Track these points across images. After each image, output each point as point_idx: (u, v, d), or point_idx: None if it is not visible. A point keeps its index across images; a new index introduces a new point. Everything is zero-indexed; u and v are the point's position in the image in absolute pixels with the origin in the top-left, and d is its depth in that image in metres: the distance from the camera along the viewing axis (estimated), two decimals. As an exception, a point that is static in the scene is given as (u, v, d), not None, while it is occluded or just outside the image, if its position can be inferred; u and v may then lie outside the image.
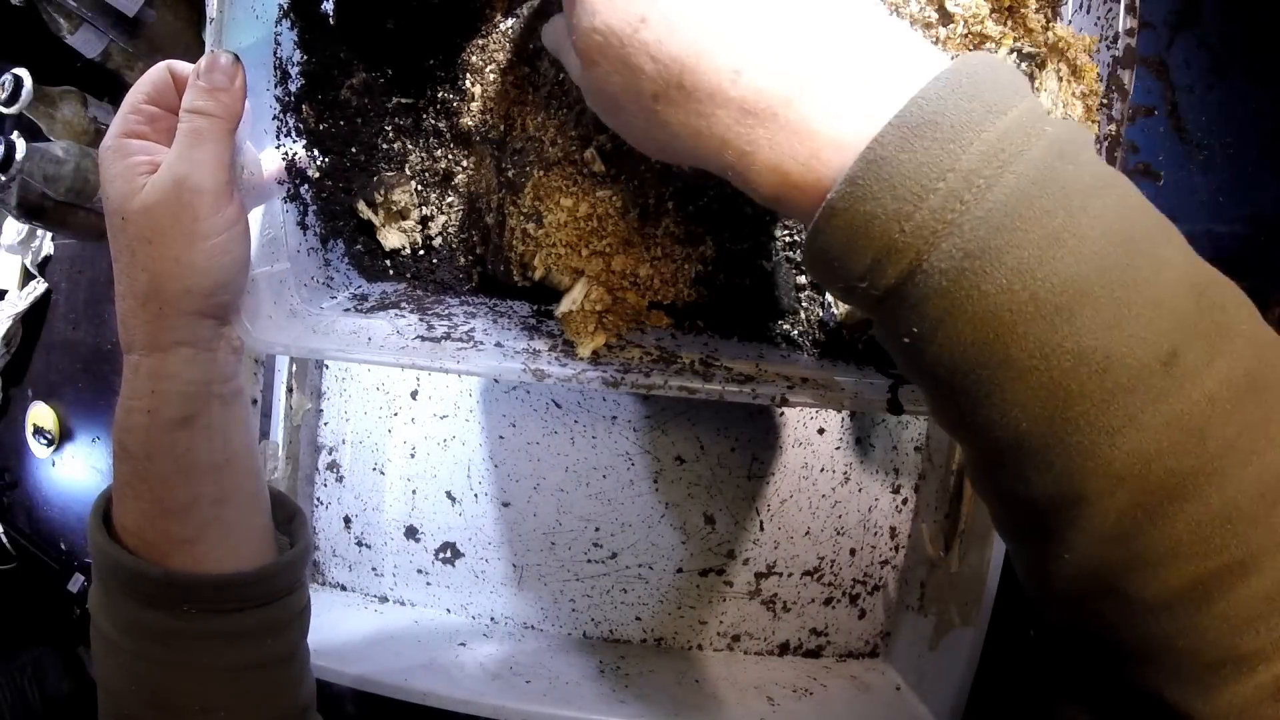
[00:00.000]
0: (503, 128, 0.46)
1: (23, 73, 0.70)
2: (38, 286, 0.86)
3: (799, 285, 0.45)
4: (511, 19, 0.46)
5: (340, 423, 0.75)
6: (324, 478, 0.75)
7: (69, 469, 0.88)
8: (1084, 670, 0.25)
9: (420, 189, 0.50)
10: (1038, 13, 0.40)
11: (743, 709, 0.63)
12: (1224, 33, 0.67)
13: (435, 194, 0.51)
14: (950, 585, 0.62)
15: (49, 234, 0.86)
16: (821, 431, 0.70)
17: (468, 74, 0.48)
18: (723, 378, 0.40)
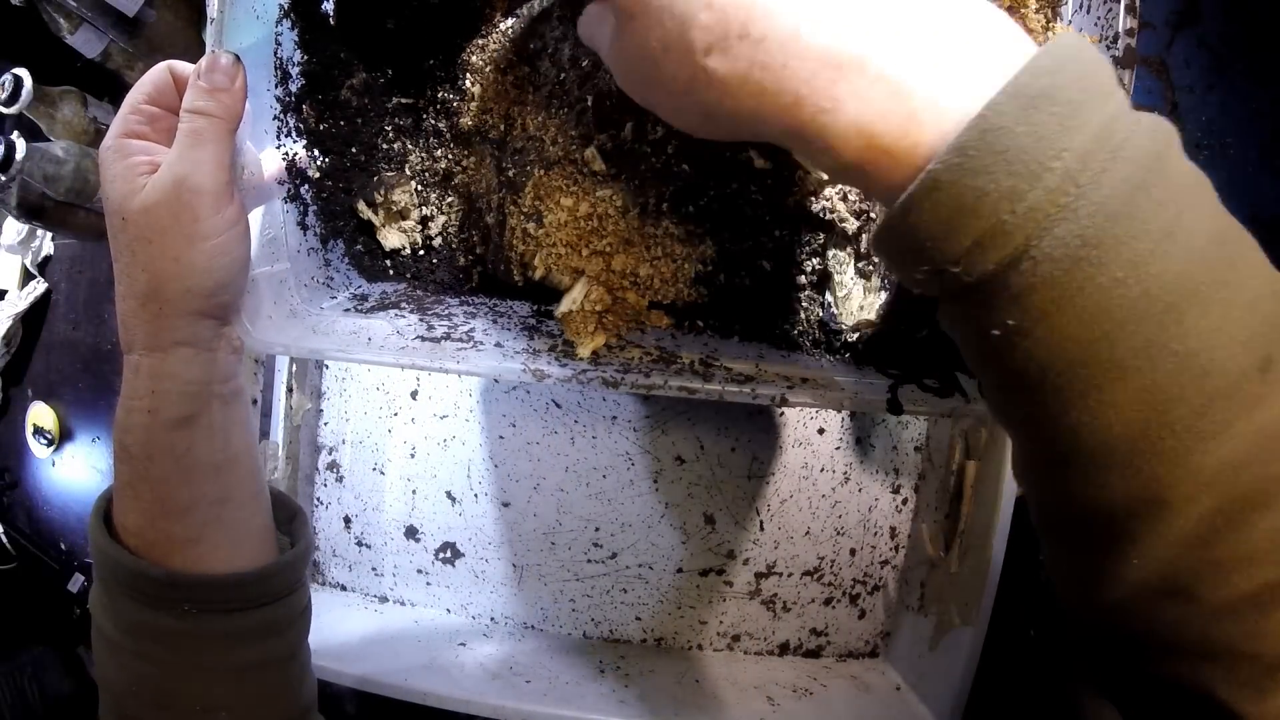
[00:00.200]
0: (503, 127, 0.46)
1: (23, 73, 0.70)
2: (38, 286, 0.86)
3: (799, 285, 0.45)
4: (511, 19, 0.47)
5: (340, 423, 0.75)
6: (324, 478, 0.75)
7: (69, 469, 0.88)
8: (1115, 665, 0.25)
9: (420, 189, 0.50)
10: (1038, 13, 0.40)
11: (743, 709, 0.63)
12: (1224, 33, 0.67)
13: (435, 194, 0.51)
14: (950, 585, 0.62)
15: (49, 234, 0.86)
16: (821, 431, 0.70)
17: (468, 74, 0.48)
18: (722, 378, 0.40)
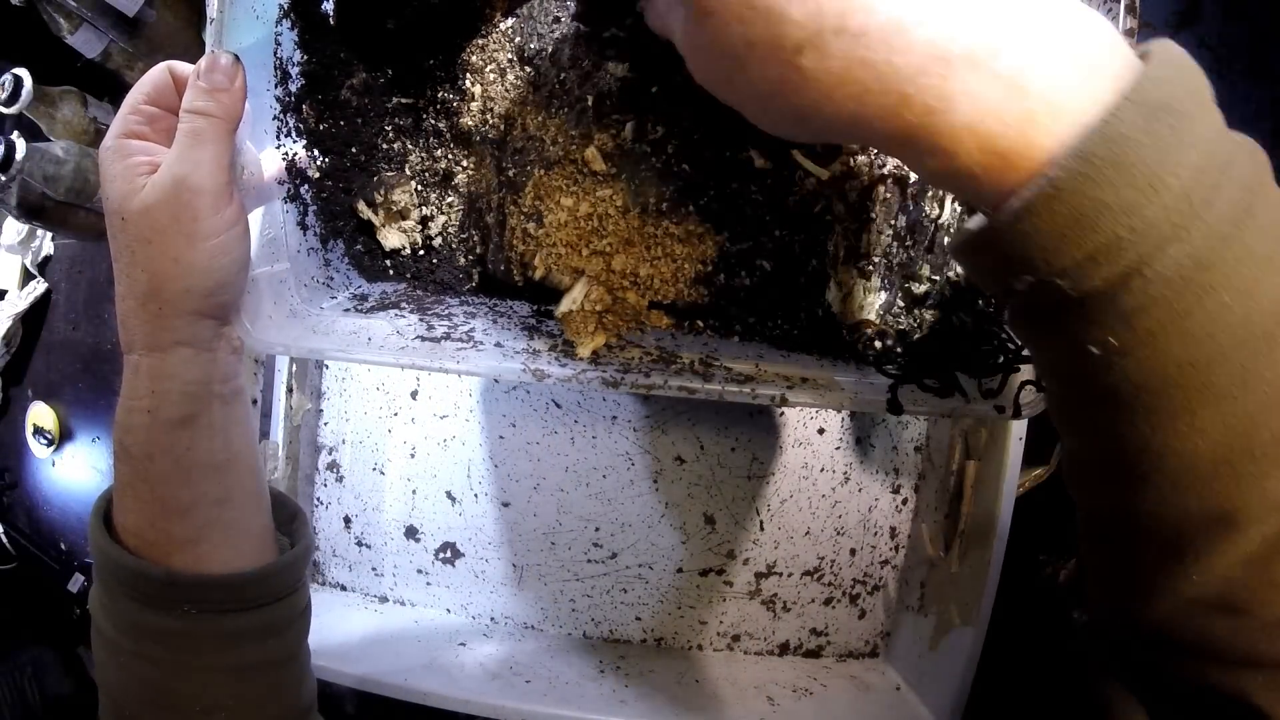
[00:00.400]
0: (503, 127, 0.46)
1: (23, 73, 0.70)
2: (38, 286, 0.86)
3: (799, 285, 0.45)
4: (511, 19, 0.47)
5: (340, 423, 0.75)
6: (324, 478, 0.75)
7: (69, 469, 0.88)
8: (1148, 666, 0.25)
9: (420, 189, 0.50)
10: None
11: (743, 709, 0.63)
12: (1224, 32, 0.67)
13: (435, 194, 0.51)
14: (950, 585, 0.62)
15: (49, 234, 0.86)
16: (821, 431, 0.70)
17: (468, 74, 0.48)
18: (722, 378, 0.40)
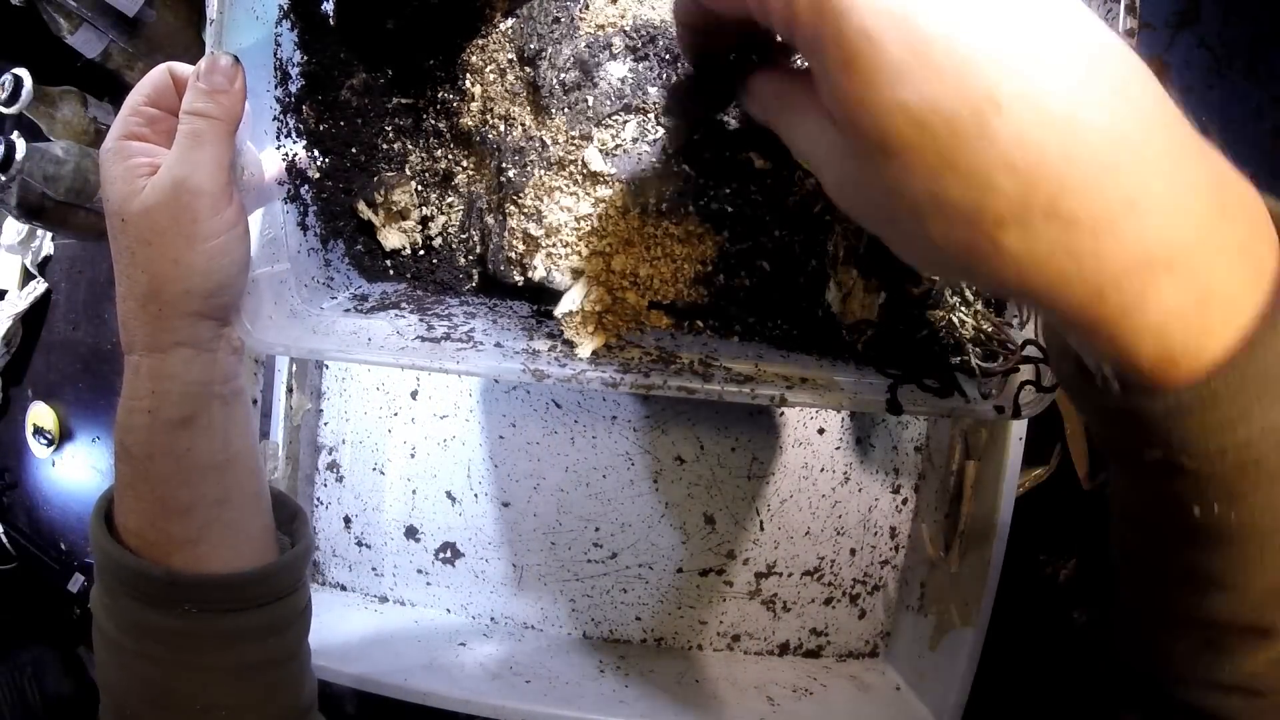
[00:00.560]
0: (503, 127, 0.46)
1: (23, 73, 0.70)
2: (38, 286, 0.86)
3: (799, 285, 0.45)
4: (511, 19, 0.47)
5: (340, 423, 0.75)
6: (324, 478, 0.75)
7: (69, 469, 0.88)
8: (1148, 690, 0.27)
9: (420, 189, 0.50)
10: (1037, 13, 0.40)
11: (743, 709, 0.63)
12: (1224, 33, 0.67)
13: (435, 194, 0.51)
14: (950, 585, 0.62)
15: (49, 234, 0.86)
16: (821, 431, 0.70)
17: (468, 74, 0.48)
18: (722, 378, 0.40)
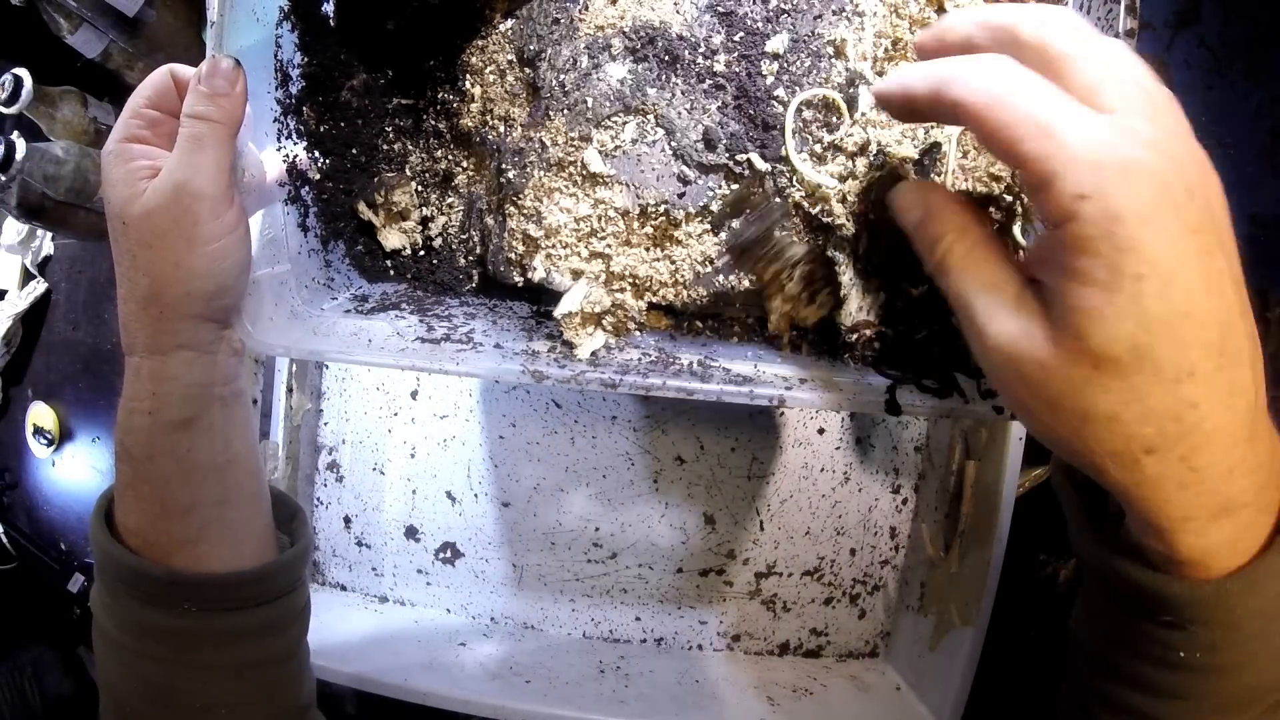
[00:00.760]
0: (502, 128, 0.46)
1: (23, 73, 0.70)
2: (38, 286, 0.87)
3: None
4: (511, 20, 0.47)
5: (340, 423, 0.75)
6: (324, 478, 0.75)
7: (69, 469, 0.88)
8: None
9: (420, 190, 0.50)
10: (1037, 14, 0.40)
11: (743, 709, 0.63)
12: (1224, 33, 0.67)
13: (435, 195, 0.51)
14: (950, 585, 0.62)
15: (49, 234, 0.86)
16: (821, 431, 0.70)
17: (468, 75, 0.48)
18: (721, 379, 0.40)
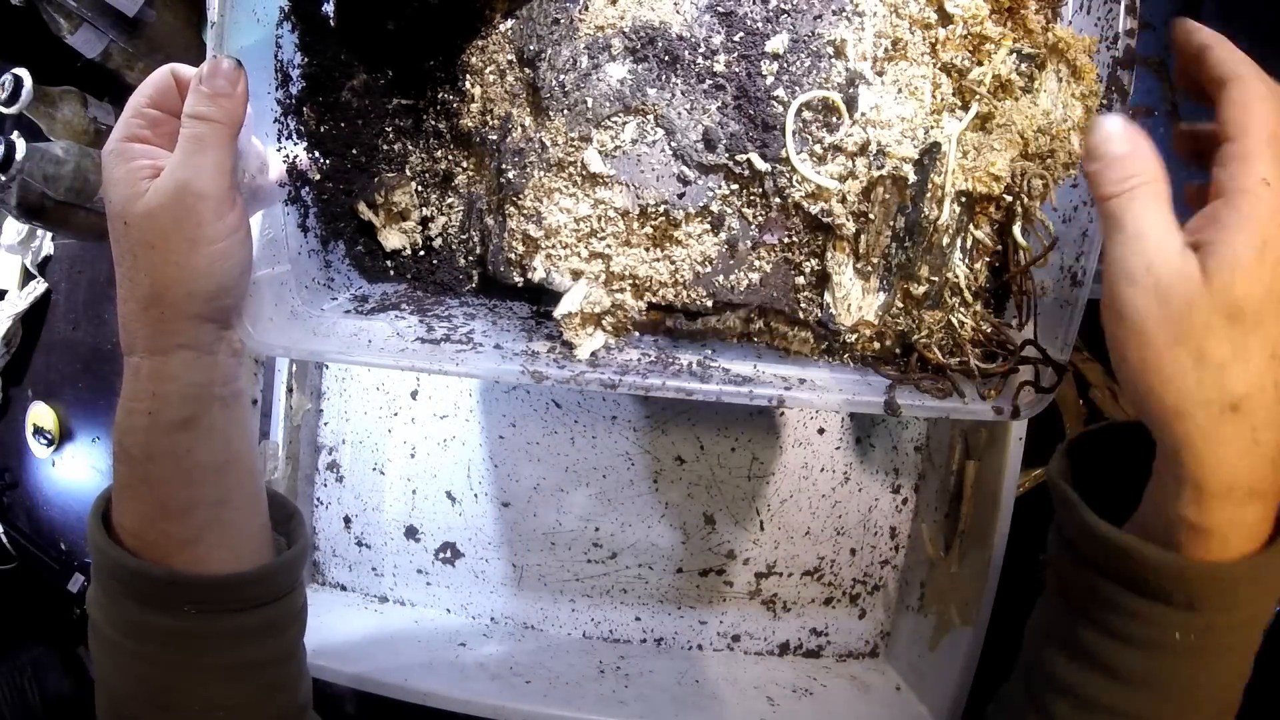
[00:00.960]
0: (502, 129, 0.46)
1: (23, 73, 0.70)
2: (38, 286, 0.86)
3: (797, 286, 0.45)
4: (511, 20, 0.47)
5: (340, 423, 0.75)
6: (324, 478, 0.75)
7: (69, 469, 0.88)
8: None
9: (420, 190, 0.50)
10: (1038, 14, 0.40)
11: (743, 709, 0.63)
12: (1224, 33, 0.67)
13: (435, 195, 0.51)
14: (950, 585, 0.62)
15: (49, 234, 0.86)
16: (821, 431, 0.70)
17: (467, 75, 0.48)
18: (720, 379, 0.40)
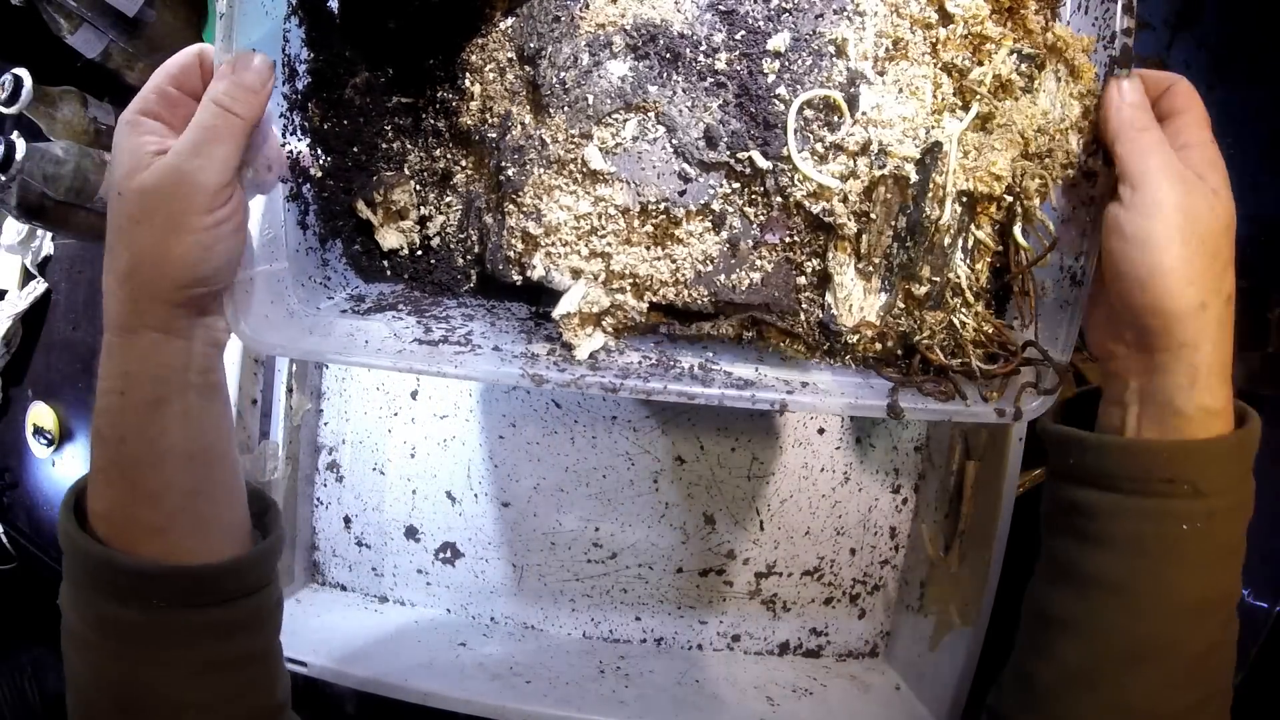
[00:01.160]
0: (502, 127, 0.46)
1: (23, 73, 0.70)
2: (38, 286, 0.86)
3: (798, 286, 0.45)
4: (511, 18, 0.46)
5: (340, 423, 0.75)
6: (324, 478, 0.75)
7: (69, 469, 0.88)
8: None
9: (419, 188, 0.50)
10: (1037, 14, 0.40)
11: (743, 709, 0.63)
12: (1224, 33, 0.67)
13: (434, 194, 0.51)
14: (950, 585, 0.62)
15: (49, 234, 0.86)
16: (821, 431, 0.70)
17: (467, 73, 0.48)
18: (722, 382, 0.40)
